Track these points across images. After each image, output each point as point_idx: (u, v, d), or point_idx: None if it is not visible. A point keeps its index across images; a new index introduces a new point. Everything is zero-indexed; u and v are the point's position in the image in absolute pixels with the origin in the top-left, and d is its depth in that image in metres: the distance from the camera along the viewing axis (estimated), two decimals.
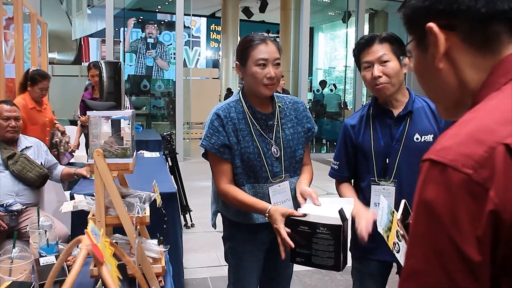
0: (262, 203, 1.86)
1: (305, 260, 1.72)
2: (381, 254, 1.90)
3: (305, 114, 2.07)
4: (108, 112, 1.62)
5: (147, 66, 14.01)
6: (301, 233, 1.70)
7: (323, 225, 1.67)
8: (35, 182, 3.11)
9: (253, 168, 1.93)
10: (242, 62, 1.91)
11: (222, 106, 1.97)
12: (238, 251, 2.06)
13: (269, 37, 1.90)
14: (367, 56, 1.84)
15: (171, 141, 5.23)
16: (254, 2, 16.23)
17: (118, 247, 1.07)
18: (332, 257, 1.68)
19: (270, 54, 1.86)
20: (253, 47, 1.86)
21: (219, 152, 1.91)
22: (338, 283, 3.55)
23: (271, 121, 1.97)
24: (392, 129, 1.88)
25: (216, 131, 1.91)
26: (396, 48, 1.83)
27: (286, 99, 2.07)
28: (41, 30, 7.28)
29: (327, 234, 1.67)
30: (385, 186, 1.87)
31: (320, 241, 1.68)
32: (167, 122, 12.15)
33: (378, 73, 1.81)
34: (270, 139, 1.95)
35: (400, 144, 1.86)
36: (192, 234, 4.75)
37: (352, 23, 12.34)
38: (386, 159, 1.88)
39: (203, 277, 3.69)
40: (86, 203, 1.70)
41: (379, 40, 1.84)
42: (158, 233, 1.83)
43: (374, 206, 1.88)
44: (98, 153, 1.51)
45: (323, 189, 6.17)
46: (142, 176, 2.97)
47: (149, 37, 14.33)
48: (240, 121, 1.93)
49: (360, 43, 1.89)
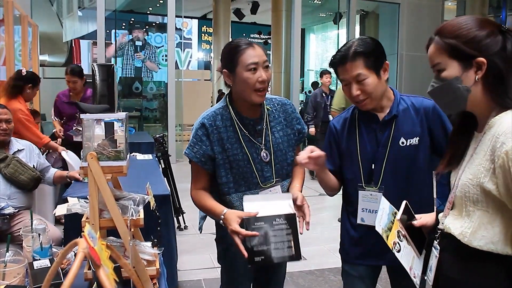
0: (219, 206, 1.87)
1: (265, 258, 1.72)
2: (369, 260, 1.91)
3: (294, 115, 2.06)
4: (101, 115, 1.62)
5: (136, 67, 14.02)
6: (257, 230, 1.72)
7: (279, 216, 1.73)
8: (27, 185, 3.10)
9: (243, 175, 1.92)
10: (231, 69, 1.87)
11: (208, 114, 1.95)
12: (230, 253, 2.05)
13: (253, 42, 1.89)
14: (342, 73, 1.79)
15: (163, 143, 5.22)
16: (245, 4, 16.24)
17: (115, 249, 1.07)
18: (292, 246, 1.73)
19: (260, 57, 1.84)
20: (241, 52, 1.83)
21: (201, 162, 1.92)
22: (331, 283, 3.56)
23: (260, 125, 1.95)
24: (378, 134, 1.85)
25: (199, 141, 1.92)
26: (372, 61, 1.76)
27: (275, 100, 2.05)
28: (32, 32, 7.23)
29: (284, 224, 1.73)
30: (372, 192, 1.85)
31: (278, 233, 1.72)
32: (159, 124, 12.12)
33: (356, 92, 1.76)
34: (260, 144, 1.94)
35: (386, 149, 1.83)
36: (185, 236, 4.74)
37: (343, 24, 12.37)
38: (372, 165, 1.86)
39: (197, 279, 3.69)
40: (79, 206, 1.70)
41: (352, 56, 1.74)
42: (152, 235, 1.83)
43: (362, 211, 1.88)
44: (92, 156, 1.51)
45: (315, 190, 6.20)
46: (135, 179, 2.97)
47: (136, 40, 14.34)
48: (227, 129, 1.92)
49: (333, 61, 1.83)
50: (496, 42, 1.24)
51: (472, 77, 1.26)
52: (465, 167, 1.30)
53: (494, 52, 1.24)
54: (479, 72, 1.25)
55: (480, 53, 1.24)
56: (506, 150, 1.14)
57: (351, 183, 1.93)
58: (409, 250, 1.50)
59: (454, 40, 1.27)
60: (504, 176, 1.16)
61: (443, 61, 1.29)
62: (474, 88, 1.26)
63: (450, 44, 1.27)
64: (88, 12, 12.05)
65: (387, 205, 1.58)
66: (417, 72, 10.34)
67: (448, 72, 1.28)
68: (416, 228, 1.53)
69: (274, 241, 1.72)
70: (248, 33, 19.20)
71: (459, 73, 1.27)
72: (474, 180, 1.25)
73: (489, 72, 1.24)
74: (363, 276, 1.96)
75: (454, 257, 1.33)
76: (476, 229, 1.26)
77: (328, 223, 4.94)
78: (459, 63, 1.27)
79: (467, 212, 1.29)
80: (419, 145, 1.82)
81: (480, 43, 1.24)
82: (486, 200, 1.24)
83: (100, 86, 1.72)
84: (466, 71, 1.26)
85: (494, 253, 1.23)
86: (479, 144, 1.27)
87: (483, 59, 1.24)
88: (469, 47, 1.25)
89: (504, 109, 1.23)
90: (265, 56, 1.87)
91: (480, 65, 1.24)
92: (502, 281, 1.24)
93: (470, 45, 1.25)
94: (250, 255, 1.71)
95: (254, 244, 1.71)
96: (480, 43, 1.24)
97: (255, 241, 1.71)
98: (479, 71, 1.25)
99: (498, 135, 1.18)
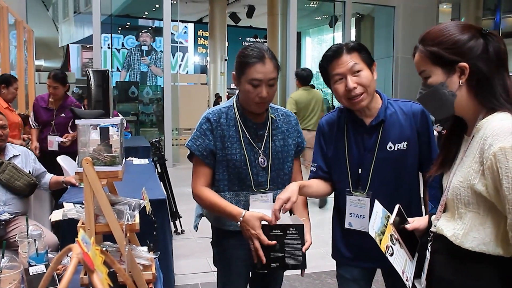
0: (235, 208, 1.86)
1: (280, 264, 1.76)
2: (362, 262, 1.92)
3: (296, 128, 2.07)
4: (97, 120, 1.62)
5: (142, 72, 14.07)
6: (274, 237, 1.75)
7: (292, 226, 1.77)
8: (23, 190, 3.09)
9: (239, 175, 1.93)
10: (238, 75, 1.89)
11: (214, 111, 1.98)
12: (225, 255, 2.06)
13: (268, 53, 1.83)
14: (337, 68, 1.76)
15: (159, 148, 5.21)
16: (241, 8, 16.29)
17: (109, 254, 1.07)
18: (301, 255, 1.79)
19: (266, 74, 1.82)
20: (250, 65, 1.82)
21: (202, 156, 1.93)
22: (328, 286, 3.56)
23: (262, 131, 1.97)
24: (365, 138, 1.83)
25: (203, 134, 1.93)
26: (365, 57, 1.77)
27: (279, 111, 2.06)
28: (27, 37, 7.23)
29: (295, 233, 1.77)
30: (360, 198, 1.84)
31: (290, 242, 1.76)
32: (155, 128, 12.11)
33: (353, 84, 1.73)
34: (259, 149, 1.95)
35: (373, 154, 1.81)
36: (182, 241, 4.73)
37: (339, 27, 12.41)
38: (358, 169, 1.84)
39: (194, 283, 3.69)
40: (75, 211, 1.70)
41: (347, 49, 1.76)
42: (148, 240, 1.83)
43: (350, 216, 1.87)
44: (87, 161, 1.51)
45: None
46: (131, 183, 2.96)
47: (143, 45, 14.41)
48: (230, 128, 1.94)
49: (327, 55, 1.80)
50: (478, 46, 1.27)
51: (456, 82, 1.29)
52: (456, 170, 1.32)
53: (476, 55, 1.26)
54: (462, 76, 1.28)
55: (462, 58, 1.27)
56: (494, 152, 1.16)
57: (339, 188, 1.93)
58: (402, 253, 1.51)
59: (436, 48, 1.30)
60: (492, 178, 1.18)
61: (428, 68, 1.33)
62: (459, 92, 1.29)
63: (432, 51, 1.30)
64: (83, 17, 12.05)
65: (380, 209, 1.58)
66: (412, 75, 10.26)
67: (433, 78, 1.32)
68: (408, 231, 1.54)
69: (288, 249, 1.77)
70: (244, 36, 19.26)
71: (444, 79, 1.30)
72: (465, 183, 1.26)
73: (473, 75, 1.27)
74: (357, 278, 1.96)
75: (447, 259, 1.34)
76: (468, 231, 1.27)
77: (324, 226, 4.93)
78: (443, 69, 1.30)
79: (459, 214, 1.30)
80: (408, 149, 1.81)
81: (462, 48, 1.27)
82: (477, 202, 1.25)
83: (95, 91, 1.73)
84: (450, 76, 1.29)
85: (486, 254, 1.24)
86: (469, 147, 1.28)
87: (465, 64, 1.26)
88: (451, 53, 1.27)
89: (491, 111, 1.25)
90: (273, 73, 1.84)
91: (463, 70, 1.27)
92: (494, 282, 1.25)
93: (451, 51, 1.27)
94: (268, 261, 1.74)
95: (272, 250, 1.75)
96: (461, 48, 1.27)
97: (274, 248, 1.75)
98: (462, 76, 1.28)
99: (486, 138, 1.20)
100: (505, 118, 1.21)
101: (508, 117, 1.21)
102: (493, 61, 1.26)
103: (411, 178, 1.85)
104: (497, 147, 1.16)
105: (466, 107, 1.30)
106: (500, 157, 1.15)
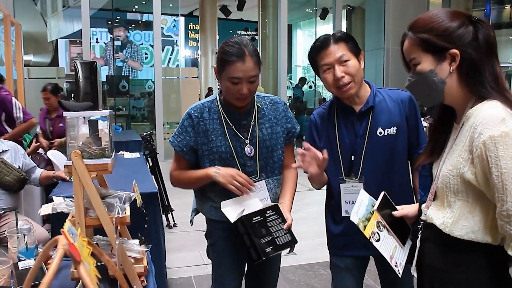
0: (207, 169, 1.91)
1: (273, 247, 1.81)
2: (355, 251, 1.93)
3: (285, 114, 2.06)
4: (86, 112, 1.61)
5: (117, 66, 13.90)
6: (257, 224, 1.81)
7: (267, 208, 1.86)
8: (13, 186, 3.06)
9: (226, 167, 1.92)
10: (219, 71, 1.89)
11: (196, 106, 2.00)
12: (218, 248, 2.06)
13: (249, 49, 1.83)
14: (325, 58, 1.82)
15: (151, 141, 5.19)
16: (232, 1, 16.18)
17: (97, 246, 1.06)
18: (287, 232, 1.86)
19: (245, 72, 1.82)
20: (230, 63, 1.81)
21: (182, 152, 1.98)
22: (321, 277, 3.57)
23: (246, 120, 1.97)
24: (355, 125, 1.89)
25: (184, 131, 1.97)
26: (352, 46, 1.83)
27: (267, 99, 2.06)
28: (15, 32, 7.15)
29: (273, 214, 1.85)
30: (353, 184, 1.87)
31: (273, 223, 1.84)
32: (147, 122, 12.06)
33: (340, 74, 1.80)
34: (245, 139, 1.95)
35: (364, 140, 1.86)
36: (175, 234, 4.73)
37: (330, 20, 12.41)
38: (352, 156, 1.88)
39: (187, 276, 3.69)
40: (65, 205, 1.68)
41: (334, 40, 1.82)
42: (139, 233, 1.82)
43: (346, 204, 1.90)
44: (76, 154, 1.50)
45: (304, 185, 6.18)
46: (123, 177, 2.95)
47: (116, 40, 14.16)
48: (214, 121, 1.95)
49: (315, 46, 1.86)
50: (468, 33, 1.26)
51: (446, 69, 1.28)
52: (445, 158, 1.32)
53: (467, 42, 1.26)
54: (453, 63, 1.27)
55: (452, 45, 1.26)
56: (483, 140, 1.16)
57: (331, 176, 1.94)
58: (390, 240, 1.52)
59: (427, 34, 1.29)
60: (482, 166, 1.18)
61: (418, 55, 1.31)
62: (449, 79, 1.28)
63: (423, 38, 1.29)
64: (73, 11, 11.93)
65: (366, 197, 1.60)
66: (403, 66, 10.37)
67: (422, 65, 1.31)
68: (398, 219, 1.55)
69: (273, 231, 1.83)
70: (234, 29, 19.19)
71: (434, 66, 1.29)
72: (454, 171, 1.26)
73: (463, 63, 1.26)
74: (350, 268, 1.97)
75: (436, 247, 1.35)
76: (457, 219, 1.27)
77: (317, 218, 4.93)
78: (433, 56, 1.29)
79: (448, 202, 1.30)
80: (397, 134, 1.87)
81: (452, 35, 1.26)
82: (466, 190, 1.25)
83: (83, 84, 1.71)
84: (440, 63, 1.28)
85: (474, 242, 1.25)
86: (458, 135, 1.29)
87: (456, 51, 1.26)
88: (442, 40, 1.27)
89: (480, 99, 1.25)
90: (253, 70, 1.84)
91: (453, 57, 1.27)
92: (482, 269, 1.26)
93: (442, 37, 1.27)
94: (261, 248, 1.78)
95: (260, 236, 1.79)
96: (452, 35, 1.26)
97: (261, 233, 1.80)
98: (453, 63, 1.27)
99: (476, 126, 1.20)
100: (495, 106, 1.21)
101: (497, 105, 1.21)
102: (483, 49, 1.26)
103: (401, 164, 1.89)
104: (487, 136, 1.16)
105: (455, 95, 1.30)
106: (490, 146, 1.15)
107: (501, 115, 1.17)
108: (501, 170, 1.14)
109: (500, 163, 1.14)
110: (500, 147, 1.14)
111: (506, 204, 1.14)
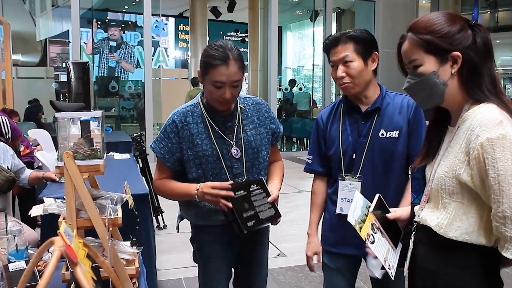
0: (191, 185, 1.88)
1: (255, 221, 1.81)
2: (345, 248, 1.95)
3: (268, 115, 2.05)
4: (77, 113, 1.60)
5: (110, 67, 13.76)
6: (241, 198, 1.81)
7: (252, 182, 1.86)
8: (1, 187, 3.02)
9: (213, 171, 1.92)
10: (202, 74, 1.87)
11: (179, 111, 1.96)
12: (204, 251, 2.05)
13: (233, 53, 1.81)
14: (332, 56, 1.88)
15: (141, 142, 5.16)
16: (222, 2, 16.19)
17: (92, 247, 1.06)
18: (271, 206, 1.86)
19: (229, 77, 1.80)
20: (213, 67, 1.79)
21: (164, 158, 1.95)
22: (312, 279, 3.58)
23: (230, 122, 1.96)
24: (360, 124, 1.92)
25: (167, 137, 1.94)
26: (361, 47, 1.84)
27: (249, 100, 2.05)
28: (3, 31, 7.08)
29: (258, 188, 1.85)
30: (351, 182, 1.91)
31: (257, 197, 1.84)
32: (136, 123, 11.99)
33: (341, 74, 1.85)
34: (231, 140, 1.94)
35: (366, 139, 1.89)
36: (164, 236, 4.71)
37: (320, 22, 12.46)
38: (353, 154, 1.91)
39: (177, 278, 3.68)
40: (56, 206, 1.66)
41: (344, 39, 1.85)
42: (131, 234, 1.81)
43: (341, 201, 1.93)
44: (68, 154, 1.48)
45: (294, 187, 6.20)
46: (113, 178, 2.93)
47: (111, 40, 14.03)
48: (198, 125, 1.93)
49: (326, 43, 1.92)
50: (468, 36, 1.28)
51: (448, 71, 1.29)
52: (440, 161, 1.33)
53: (467, 45, 1.27)
54: (455, 66, 1.28)
55: (455, 47, 1.27)
56: (480, 142, 1.18)
57: (332, 173, 1.99)
58: (384, 242, 1.53)
59: (429, 36, 1.29)
60: (478, 168, 1.20)
61: (420, 57, 1.31)
62: (450, 82, 1.29)
63: (426, 39, 1.29)
64: (62, 10, 11.84)
65: (361, 199, 1.61)
66: (393, 69, 10.39)
67: (425, 67, 1.31)
68: (391, 221, 1.56)
69: (257, 205, 1.83)
70: (225, 31, 19.17)
71: (436, 68, 1.29)
72: (450, 173, 1.27)
73: (464, 65, 1.27)
74: (341, 268, 1.99)
75: (429, 249, 1.36)
76: (452, 221, 1.28)
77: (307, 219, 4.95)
78: (436, 58, 1.29)
79: (443, 204, 1.31)
80: (398, 138, 1.89)
81: (454, 38, 1.27)
82: (462, 192, 1.27)
83: (75, 84, 1.70)
84: (442, 65, 1.29)
85: (468, 243, 1.26)
86: (454, 137, 1.30)
87: (458, 53, 1.27)
88: (444, 42, 1.28)
89: (476, 102, 1.27)
90: (237, 75, 1.82)
91: (455, 59, 1.28)
92: (476, 271, 1.27)
93: (445, 40, 1.28)
94: (243, 222, 1.78)
95: (243, 210, 1.80)
96: (453, 38, 1.27)
97: (244, 207, 1.80)
98: (455, 65, 1.28)
99: (473, 128, 1.21)
100: (491, 109, 1.22)
101: (494, 108, 1.22)
102: (481, 52, 1.27)
103: (399, 167, 1.90)
104: (484, 138, 1.17)
105: (454, 97, 1.31)
106: (487, 148, 1.17)
107: (498, 117, 1.19)
108: (497, 172, 1.15)
109: (497, 165, 1.15)
110: (497, 149, 1.16)
111: (502, 206, 1.16)
